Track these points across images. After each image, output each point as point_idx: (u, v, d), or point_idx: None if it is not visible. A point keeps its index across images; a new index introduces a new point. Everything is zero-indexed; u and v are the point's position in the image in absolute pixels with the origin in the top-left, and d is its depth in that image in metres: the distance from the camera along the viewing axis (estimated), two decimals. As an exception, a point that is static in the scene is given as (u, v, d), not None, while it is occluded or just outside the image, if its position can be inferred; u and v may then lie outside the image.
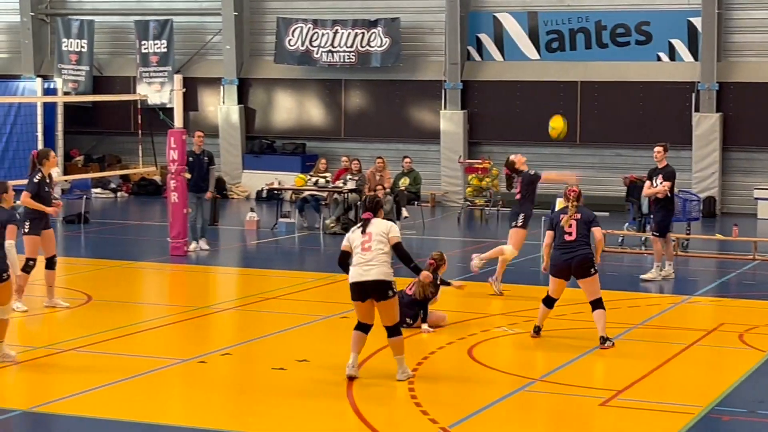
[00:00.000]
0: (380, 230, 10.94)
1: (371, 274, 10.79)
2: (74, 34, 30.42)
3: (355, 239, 10.98)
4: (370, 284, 10.81)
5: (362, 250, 10.87)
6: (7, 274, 11.27)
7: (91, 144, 31.24)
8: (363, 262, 10.84)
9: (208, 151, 20.20)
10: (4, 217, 11.42)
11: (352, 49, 28.39)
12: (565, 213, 12.81)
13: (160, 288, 17.53)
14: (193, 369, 11.46)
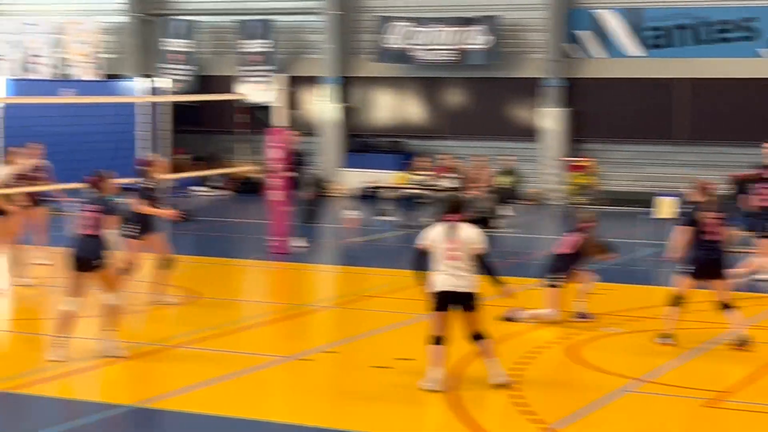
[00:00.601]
0: (470, 238, 10.43)
1: (462, 285, 10.37)
2: (179, 35, 30.86)
3: (439, 241, 10.43)
4: (460, 295, 10.39)
5: (450, 258, 10.35)
6: (105, 261, 11.64)
7: (196, 142, 31.67)
8: (453, 271, 10.35)
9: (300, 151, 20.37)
10: (108, 206, 11.86)
11: (451, 47, 28.38)
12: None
13: (262, 285, 17.71)
14: (296, 366, 11.57)
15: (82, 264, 11.65)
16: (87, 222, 11.70)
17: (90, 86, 30.32)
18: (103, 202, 11.90)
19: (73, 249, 11.74)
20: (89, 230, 11.67)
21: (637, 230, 20.82)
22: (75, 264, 11.67)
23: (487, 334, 10.68)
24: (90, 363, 11.48)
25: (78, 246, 11.70)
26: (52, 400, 10.23)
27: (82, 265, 11.65)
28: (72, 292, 11.73)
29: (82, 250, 11.65)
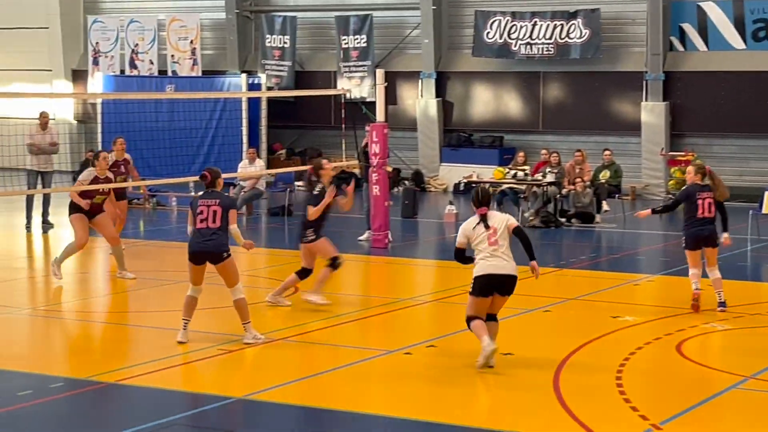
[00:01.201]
0: (501, 221, 11.11)
1: (507, 268, 10.99)
2: (277, 30, 31.07)
3: (476, 235, 11.05)
4: (505, 278, 11.01)
5: (489, 244, 10.97)
6: (228, 253, 11.87)
7: (294, 138, 31.89)
8: (495, 256, 10.98)
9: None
10: (227, 201, 12.06)
11: (550, 41, 28.17)
12: None
13: (363, 280, 17.74)
14: (398, 360, 11.57)
15: (202, 257, 11.85)
16: (206, 216, 11.89)
17: (189, 82, 30.67)
18: (218, 195, 12.07)
19: (193, 242, 11.92)
20: (209, 224, 11.88)
21: (743, 225, 20.45)
22: (194, 257, 11.89)
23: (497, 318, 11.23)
24: (197, 355, 11.60)
25: (198, 239, 11.89)
26: (159, 392, 10.35)
27: (202, 258, 11.85)
28: (194, 281, 11.97)
29: (202, 244, 11.85)
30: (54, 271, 15.72)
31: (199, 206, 11.95)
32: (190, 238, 12.02)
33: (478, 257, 11.05)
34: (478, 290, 11.05)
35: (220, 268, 11.96)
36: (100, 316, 14.20)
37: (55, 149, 21.61)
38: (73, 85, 33.97)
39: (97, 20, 33.19)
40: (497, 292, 11.07)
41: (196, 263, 11.94)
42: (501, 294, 11.09)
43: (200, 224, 11.90)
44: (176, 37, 32.01)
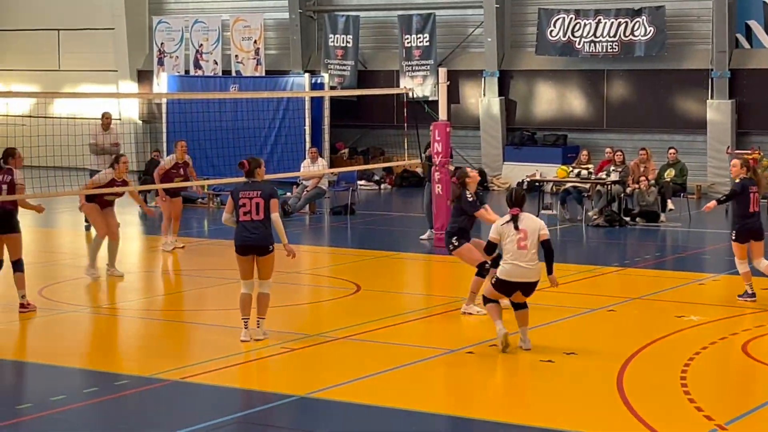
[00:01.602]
0: (534, 227, 11.39)
1: (532, 276, 11.42)
2: (340, 30, 31.15)
3: (507, 234, 11.37)
4: (529, 285, 11.49)
5: (519, 248, 11.28)
6: (272, 247, 11.97)
7: (356, 137, 31.95)
8: (522, 261, 11.32)
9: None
10: (267, 190, 12.09)
11: (615, 38, 27.95)
12: None
13: (424, 278, 17.74)
14: (460, 359, 11.55)
15: (249, 249, 11.95)
16: (249, 208, 11.96)
17: (252, 82, 30.84)
18: (260, 186, 12.12)
19: (239, 236, 11.98)
20: (252, 216, 11.94)
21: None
22: (242, 249, 11.98)
23: (526, 304, 11.68)
24: (260, 353, 11.66)
25: (244, 233, 11.96)
26: (222, 389, 10.42)
27: (249, 251, 11.95)
28: (244, 275, 12.03)
29: (249, 237, 11.93)
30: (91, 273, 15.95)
31: (241, 198, 11.99)
32: (236, 232, 12.06)
33: (506, 258, 11.42)
34: (501, 288, 11.57)
35: (262, 261, 12.03)
36: (164, 314, 14.33)
37: (117, 149, 21.83)
38: (138, 85, 34.29)
39: (162, 21, 33.48)
40: (520, 291, 11.55)
41: (244, 254, 12.00)
42: (522, 294, 11.59)
43: (244, 217, 11.96)
44: (240, 37, 32.20)
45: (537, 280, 11.48)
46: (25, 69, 35.86)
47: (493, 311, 11.70)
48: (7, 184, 13.63)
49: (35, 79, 35.26)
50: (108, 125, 21.81)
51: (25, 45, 35.92)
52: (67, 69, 35.18)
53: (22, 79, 35.70)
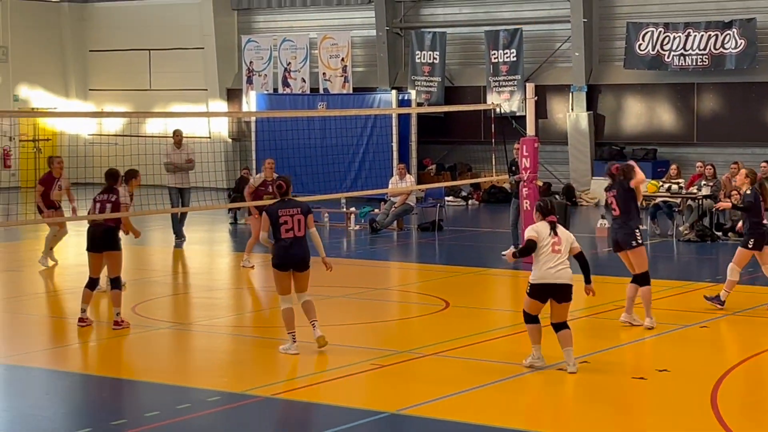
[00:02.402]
0: (567, 236, 11.53)
1: (565, 277, 11.38)
2: (427, 46, 31.21)
3: (544, 237, 11.42)
4: (563, 286, 11.39)
5: (552, 251, 11.36)
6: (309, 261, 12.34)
7: (443, 153, 31.95)
8: (555, 264, 11.35)
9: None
10: (305, 207, 12.52)
11: (705, 51, 27.64)
12: None
13: (512, 295, 17.65)
14: (551, 376, 11.48)
15: (293, 265, 12.31)
16: (291, 225, 12.30)
17: (340, 99, 31.01)
18: (297, 203, 12.54)
19: (282, 253, 12.30)
20: (295, 233, 12.32)
21: None
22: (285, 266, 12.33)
23: (567, 325, 11.49)
24: (350, 369, 11.69)
25: (287, 249, 12.29)
26: (313, 405, 10.47)
27: (292, 266, 12.32)
28: (285, 291, 12.41)
29: (293, 253, 12.29)
30: None
31: (281, 216, 12.29)
32: (279, 248, 12.30)
33: (539, 262, 11.43)
34: (536, 294, 11.51)
35: (302, 276, 12.39)
36: (253, 331, 14.44)
37: (191, 166, 22.13)
38: (227, 104, 34.68)
39: (251, 40, 33.83)
40: (553, 299, 11.45)
41: (285, 270, 12.34)
42: (557, 301, 11.46)
43: (287, 234, 12.28)
44: (328, 55, 32.42)
45: (570, 283, 11.41)
46: (117, 89, 36.48)
47: (533, 333, 11.61)
48: (111, 203, 14.02)
49: (127, 98, 35.85)
50: (179, 142, 22.15)
51: (117, 65, 36.54)
52: (158, 88, 35.71)
53: (114, 98, 36.32)
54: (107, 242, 13.95)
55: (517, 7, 30.81)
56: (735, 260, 14.79)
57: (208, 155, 22.48)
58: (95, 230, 14.02)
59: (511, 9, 30.92)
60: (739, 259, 14.76)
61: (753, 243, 14.62)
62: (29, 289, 16.88)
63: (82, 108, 36.46)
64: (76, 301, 14.64)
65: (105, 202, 14.00)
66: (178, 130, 22.82)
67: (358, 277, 18.37)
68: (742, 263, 14.77)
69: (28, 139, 35.08)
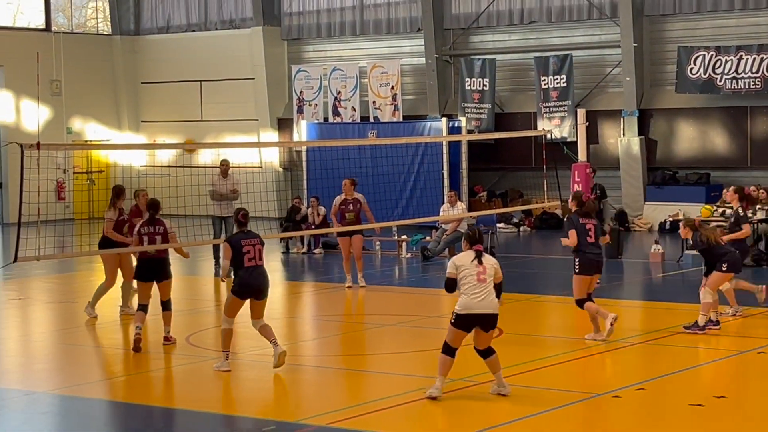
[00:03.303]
0: (492, 264, 11.52)
1: (491, 307, 11.37)
2: (476, 73, 31.22)
3: (467, 268, 11.37)
4: (489, 316, 11.37)
5: (478, 280, 11.33)
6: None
7: (494, 180, 31.89)
8: (480, 293, 11.31)
9: (599, 184, 20.12)
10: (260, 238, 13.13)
11: (757, 74, 27.43)
12: None
13: (567, 321, 17.52)
14: (606, 403, 11.37)
15: (253, 293, 12.98)
16: (253, 255, 12.94)
17: (390, 127, 31.06)
18: (256, 234, 13.17)
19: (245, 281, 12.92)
20: (257, 261, 12.97)
21: None
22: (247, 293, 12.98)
23: (493, 350, 11.50)
24: (402, 398, 11.64)
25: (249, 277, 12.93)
26: (365, 434, 10.44)
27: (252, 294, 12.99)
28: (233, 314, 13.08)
29: (256, 280, 12.96)
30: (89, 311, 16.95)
31: (244, 246, 12.93)
32: (242, 276, 12.91)
33: (463, 292, 11.38)
34: (461, 324, 11.40)
35: (259, 303, 13.10)
36: (304, 360, 14.42)
37: (236, 196, 22.20)
38: (278, 133, 34.86)
39: (301, 69, 34.01)
40: (479, 328, 11.42)
41: (244, 297, 13.02)
42: (484, 330, 11.45)
43: (249, 263, 12.92)
44: (377, 84, 32.51)
45: (496, 312, 11.42)
46: (169, 120, 36.77)
47: (444, 365, 11.46)
48: (161, 235, 14.63)
49: (179, 129, 36.11)
50: (226, 172, 22.28)
51: (168, 97, 36.87)
52: (210, 119, 35.96)
53: (166, 130, 36.60)
54: (161, 272, 14.75)
55: (566, 32, 30.77)
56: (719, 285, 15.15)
57: (260, 185, 22.54)
58: (150, 262, 14.67)
59: (560, 35, 30.88)
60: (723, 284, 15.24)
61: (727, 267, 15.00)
62: (83, 321, 16.97)
63: (134, 140, 36.78)
64: (128, 333, 14.70)
65: (153, 234, 14.64)
66: (225, 159, 22.98)
67: (410, 306, 18.32)
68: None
69: (81, 171, 35.43)
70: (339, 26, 34.09)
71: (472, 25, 31.93)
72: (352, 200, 19.77)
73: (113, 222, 16.46)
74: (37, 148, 14.57)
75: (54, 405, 12.03)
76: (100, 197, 34.24)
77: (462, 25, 32.13)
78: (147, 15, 37.64)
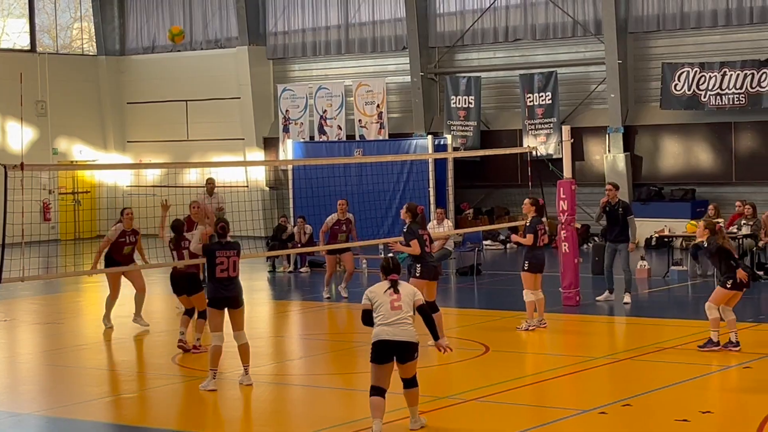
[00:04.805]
0: (409, 292, 10.90)
1: (405, 335, 10.72)
2: (462, 91, 31.29)
3: (380, 297, 10.81)
4: (402, 344, 10.71)
5: (392, 308, 10.75)
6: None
7: (480, 197, 31.93)
8: (393, 321, 10.72)
9: (623, 202, 20.14)
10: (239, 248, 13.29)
11: (741, 90, 27.54)
12: None
13: (554, 338, 17.53)
14: (593, 419, 11.37)
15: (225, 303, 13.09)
16: (227, 266, 13.02)
17: (376, 145, 31.10)
18: (235, 245, 13.27)
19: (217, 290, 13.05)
20: (229, 273, 13.06)
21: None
22: (219, 303, 13.07)
23: (416, 382, 10.85)
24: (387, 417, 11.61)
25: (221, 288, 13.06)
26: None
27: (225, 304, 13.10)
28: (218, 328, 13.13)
29: (226, 291, 13.06)
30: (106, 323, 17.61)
31: (218, 257, 13.02)
32: (212, 287, 13.09)
33: (377, 321, 10.79)
34: (375, 356, 10.78)
35: (236, 312, 13.15)
36: (292, 379, 14.38)
37: (222, 213, 22.18)
38: (264, 152, 34.86)
39: (287, 89, 34.04)
40: (397, 358, 10.76)
41: (219, 308, 13.11)
42: (400, 362, 10.77)
43: (221, 274, 13.03)
44: (363, 102, 32.57)
45: (412, 341, 10.71)
46: (155, 140, 36.73)
47: (373, 407, 10.71)
48: (187, 249, 15.30)
49: (165, 149, 36.05)
50: (212, 190, 22.28)
51: (154, 117, 36.84)
52: (196, 139, 35.94)
53: (152, 149, 36.55)
54: (194, 286, 15.59)
55: (551, 50, 30.86)
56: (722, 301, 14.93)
57: (246, 204, 22.52)
58: (180, 277, 15.71)
59: (545, 52, 30.97)
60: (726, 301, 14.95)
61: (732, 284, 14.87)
62: (70, 342, 16.92)
63: (120, 160, 36.74)
64: (117, 353, 14.65)
65: (182, 249, 15.52)
66: (211, 178, 22.98)
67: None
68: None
69: (67, 192, 35.38)
70: (324, 45, 34.14)
71: (457, 43, 32.01)
72: (345, 220, 20.17)
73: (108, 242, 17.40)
74: (21, 169, 14.59)
75: (40, 427, 11.99)
76: (85, 218, 34.21)
77: (447, 43, 32.21)
78: (132, 35, 37.65)
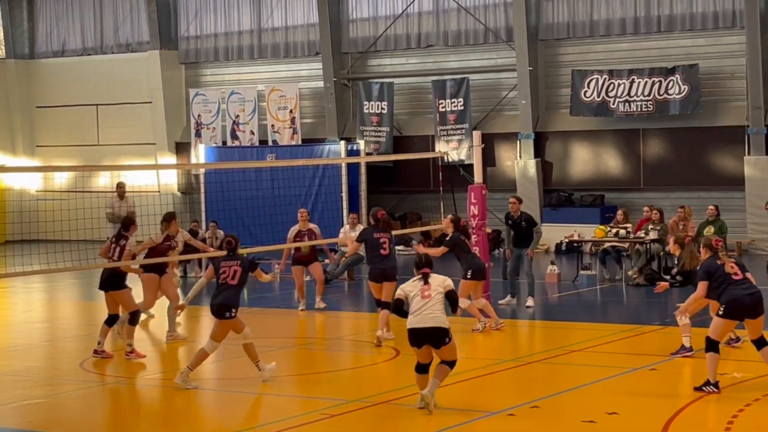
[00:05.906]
0: (440, 281, 11.73)
1: (432, 321, 11.48)
2: (375, 97, 31.37)
3: (413, 289, 11.68)
4: (432, 330, 11.49)
5: (422, 297, 11.56)
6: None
7: (393, 202, 32.01)
8: (423, 309, 11.52)
9: (526, 214, 20.25)
10: (246, 262, 13.46)
11: (649, 97, 27.99)
12: None
13: (464, 341, 17.62)
14: (501, 421, 11.47)
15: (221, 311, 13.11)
16: (228, 274, 13.22)
17: (289, 150, 31.05)
18: (240, 257, 13.49)
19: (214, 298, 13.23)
20: (228, 281, 13.23)
21: None
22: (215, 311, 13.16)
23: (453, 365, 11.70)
24: (299, 420, 11.60)
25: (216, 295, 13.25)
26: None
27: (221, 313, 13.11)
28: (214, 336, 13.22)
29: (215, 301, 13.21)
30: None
31: (222, 267, 13.33)
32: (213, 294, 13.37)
33: (411, 310, 11.62)
34: (412, 340, 11.64)
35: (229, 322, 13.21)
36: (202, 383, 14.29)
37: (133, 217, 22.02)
38: (176, 157, 34.59)
39: (199, 93, 33.84)
40: (432, 346, 11.58)
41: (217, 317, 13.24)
42: (435, 347, 11.59)
43: (222, 281, 13.30)
44: (276, 107, 32.50)
45: (441, 326, 11.53)
46: (65, 145, 36.25)
47: (418, 382, 11.86)
48: (121, 247, 15.27)
49: (75, 154, 35.58)
50: (123, 194, 22.14)
51: (64, 121, 36.36)
52: (107, 143, 35.54)
53: (62, 154, 36.04)
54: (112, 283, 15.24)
55: (463, 56, 31.08)
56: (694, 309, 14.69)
57: (158, 208, 22.25)
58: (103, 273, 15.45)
59: (457, 59, 31.19)
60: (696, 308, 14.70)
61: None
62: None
63: (29, 165, 36.20)
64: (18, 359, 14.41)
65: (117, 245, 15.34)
66: (122, 182, 22.83)
67: (309, 328, 18.32)
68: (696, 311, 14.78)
69: (-27, 196, 34.78)
70: (237, 50, 34.01)
71: (370, 48, 32.10)
72: (306, 231, 19.83)
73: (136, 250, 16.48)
74: None
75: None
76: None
77: (360, 48, 32.28)
78: (42, 38, 37.16)
